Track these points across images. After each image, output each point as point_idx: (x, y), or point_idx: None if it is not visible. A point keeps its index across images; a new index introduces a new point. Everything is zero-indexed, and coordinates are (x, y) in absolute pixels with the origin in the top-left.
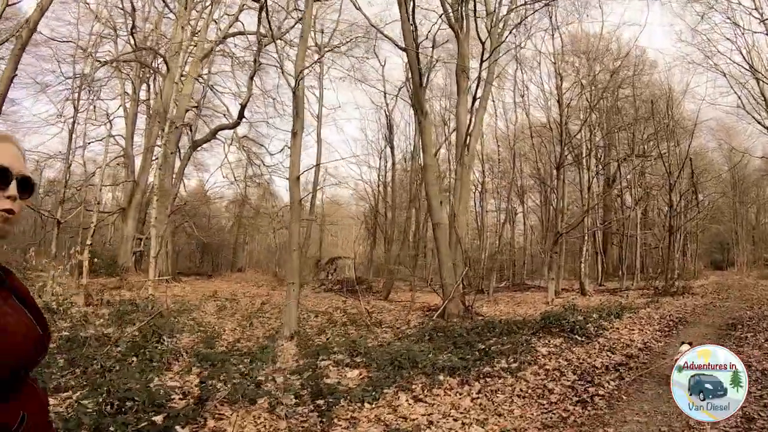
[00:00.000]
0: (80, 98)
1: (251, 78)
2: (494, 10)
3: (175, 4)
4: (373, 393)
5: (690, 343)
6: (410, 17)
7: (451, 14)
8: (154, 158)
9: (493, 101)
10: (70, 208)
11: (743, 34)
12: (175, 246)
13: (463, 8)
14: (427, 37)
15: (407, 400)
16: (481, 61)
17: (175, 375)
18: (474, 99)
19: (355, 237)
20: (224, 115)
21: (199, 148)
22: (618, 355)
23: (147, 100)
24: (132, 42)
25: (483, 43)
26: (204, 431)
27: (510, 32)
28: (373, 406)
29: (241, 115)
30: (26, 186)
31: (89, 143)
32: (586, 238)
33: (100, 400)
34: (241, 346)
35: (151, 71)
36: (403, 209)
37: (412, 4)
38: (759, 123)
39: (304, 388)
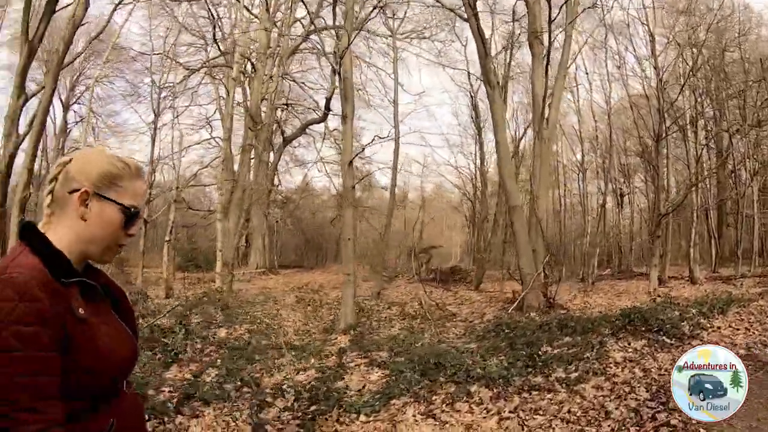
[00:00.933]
0: (171, 105)
1: (333, 71)
2: None
3: (258, 9)
4: (375, 403)
5: None
6: None
7: None
8: (252, 157)
9: (587, 73)
10: (165, 207)
11: None
12: (278, 240)
13: None
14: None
15: (414, 415)
16: (549, 22)
17: (182, 369)
18: (547, 65)
19: (454, 225)
20: (314, 110)
21: (297, 145)
22: None
23: (243, 102)
24: (218, 48)
25: (549, 1)
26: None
27: None
28: (370, 418)
29: (327, 109)
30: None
31: (189, 146)
32: (695, 218)
33: None
34: (295, 339)
35: (242, 74)
36: (495, 194)
37: None
38: None
39: (307, 391)
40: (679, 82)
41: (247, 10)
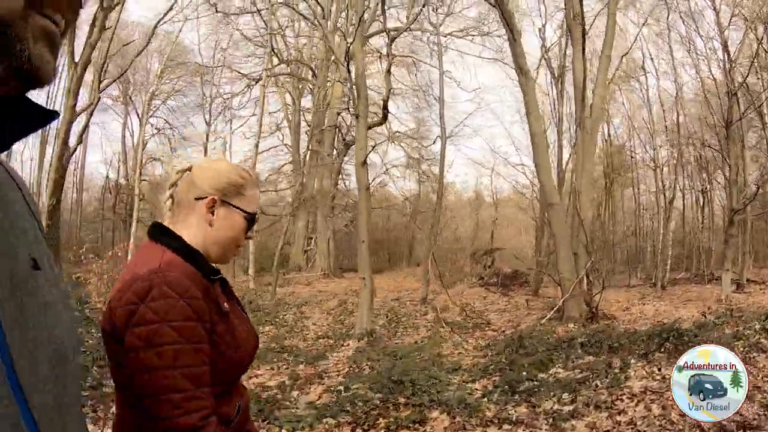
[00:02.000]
0: (231, 116)
1: (388, 72)
2: None
3: (317, 20)
4: (306, 418)
5: None
6: None
7: None
8: (321, 163)
9: (652, 59)
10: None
11: None
12: (346, 243)
13: None
14: None
15: None
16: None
17: None
18: (583, 48)
19: (529, 226)
20: (375, 113)
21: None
22: (756, 405)
23: (308, 109)
24: (278, 57)
25: None
26: None
27: None
28: None
29: (385, 110)
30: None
31: (261, 152)
32: None
33: None
34: (306, 344)
35: (305, 81)
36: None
37: None
38: None
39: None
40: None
41: (305, 18)
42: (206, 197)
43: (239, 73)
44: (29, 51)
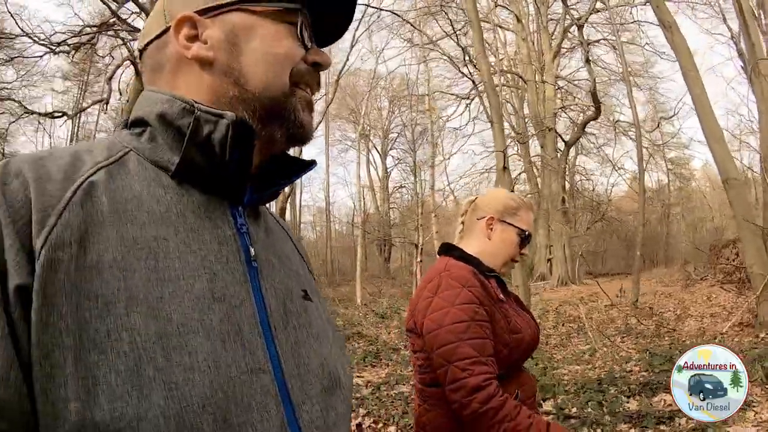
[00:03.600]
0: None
1: (587, 61)
2: None
3: (511, 22)
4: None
5: None
6: None
7: None
8: (550, 167)
9: None
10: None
11: None
12: (596, 246)
13: None
14: None
15: None
16: None
17: None
18: None
19: None
20: (585, 109)
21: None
22: None
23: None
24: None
25: None
26: None
27: None
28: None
29: (596, 103)
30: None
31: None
32: None
33: None
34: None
35: (515, 89)
36: None
37: None
38: None
39: None
40: None
41: (501, 28)
42: (486, 216)
43: (451, 94)
44: (299, 118)
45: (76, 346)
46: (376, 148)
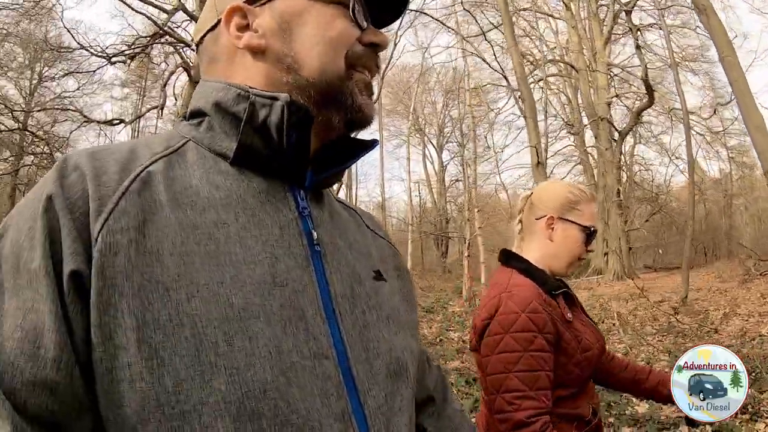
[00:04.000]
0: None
1: (638, 47)
2: None
3: (561, 9)
4: None
5: None
6: None
7: None
8: (608, 159)
9: None
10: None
11: None
12: (655, 238)
13: None
14: None
15: None
16: None
17: None
18: None
19: None
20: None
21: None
22: None
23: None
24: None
25: None
26: None
27: None
28: None
29: (648, 89)
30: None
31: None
32: None
33: None
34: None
35: (567, 76)
36: None
37: None
38: None
39: None
40: None
41: (550, 16)
42: (545, 216)
43: (500, 85)
44: (357, 102)
45: (139, 327)
46: (431, 143)
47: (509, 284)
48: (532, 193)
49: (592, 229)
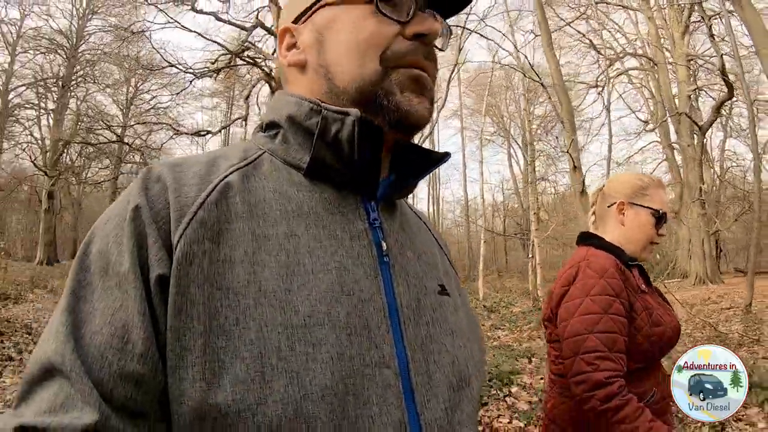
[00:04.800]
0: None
1: (711, 36)
2: None
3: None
4: None
5: None
6: None
7: None
8: (696, 156)
9: None
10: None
11: None
12: (748, 240)
13: None
14: None
15: None
16: None
17: None
18: None
19: None
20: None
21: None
22: None
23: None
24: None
25: None
26: None
27: None
28: None
29: (725, 80)
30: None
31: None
32: None
33: None
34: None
35: (648, 69)
36: None
37: None
38: None
39: None
40: None
41: (625, 8)
42: (616, 202)
43: (582, 83)
44: (395, 101)
45: (205, 332)
46: (516, 142)
47: (587, 255)
48: (603, 186)
49: (661, 212)
